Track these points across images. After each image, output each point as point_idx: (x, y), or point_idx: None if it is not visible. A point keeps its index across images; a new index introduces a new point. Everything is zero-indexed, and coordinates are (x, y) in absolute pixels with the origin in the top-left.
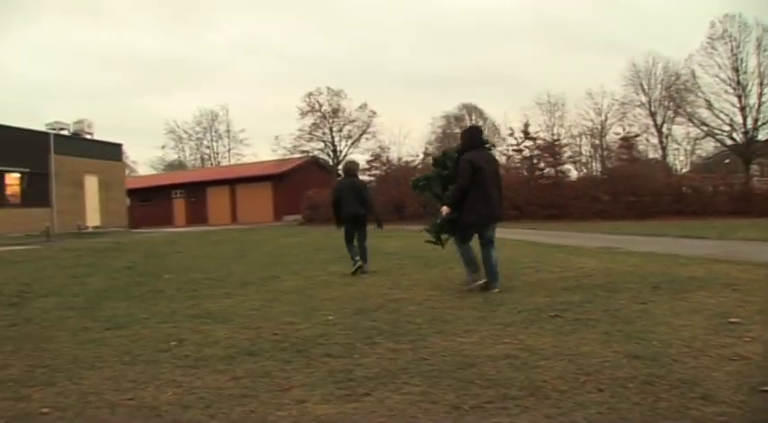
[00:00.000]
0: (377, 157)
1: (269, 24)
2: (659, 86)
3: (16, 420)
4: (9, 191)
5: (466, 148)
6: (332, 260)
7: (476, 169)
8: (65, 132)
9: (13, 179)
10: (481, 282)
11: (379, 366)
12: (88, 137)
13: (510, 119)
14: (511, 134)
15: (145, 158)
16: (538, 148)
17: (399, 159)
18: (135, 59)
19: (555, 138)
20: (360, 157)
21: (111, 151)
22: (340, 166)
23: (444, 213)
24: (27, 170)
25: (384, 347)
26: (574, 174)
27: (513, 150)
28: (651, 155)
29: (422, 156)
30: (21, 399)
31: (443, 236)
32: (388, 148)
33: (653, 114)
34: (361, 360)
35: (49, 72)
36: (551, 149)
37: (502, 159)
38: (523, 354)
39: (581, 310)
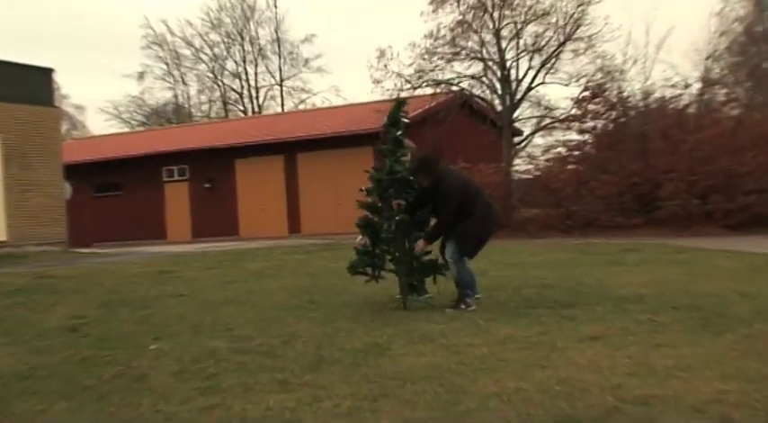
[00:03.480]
0: (597, 93)
1: None
2: None
3: None
4: None
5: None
6: (504, 306)
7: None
8: None
9: None
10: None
11: None
12: None
13: None
14: None
15: (102, 100)
16: None
17: (646, 96)
18: None
19: None
20: (561, 91)
21: (27, 85)
22: (516, 112)
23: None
24: None
25: None
26: None
27: None
28: None
29: (699, 85)
30: None
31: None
32: (623, 73)
33: None
34: None
35: None
36: None
37: None
38: None
39: None
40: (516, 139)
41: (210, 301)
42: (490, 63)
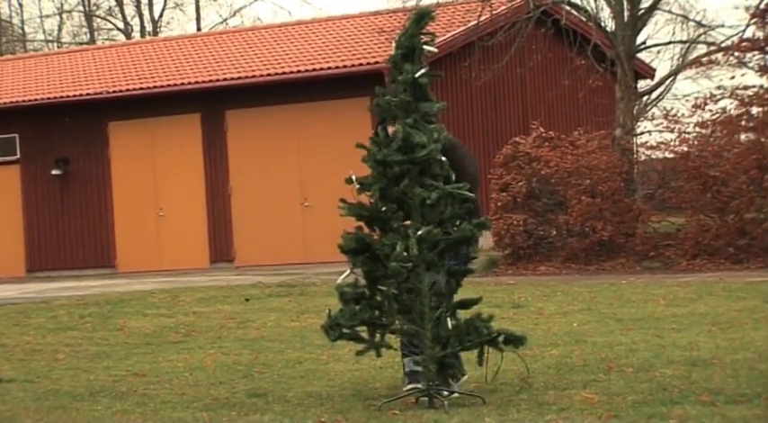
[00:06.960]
0: None
1: None
2: None
3: None
4: None
5: None
6: (621, 400)
7: None
8: None
9: None
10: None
11: None
12: None
13: None
14: None
15: None
16: None
17: None
18: None
19: None
20: None
21: None
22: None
23: None
24: None
25: None
26: None
27: None
28: None
29: None
30: None
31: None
32: None
33: None
34: None
35: None
36: None
37: None
38: None
39: None
40: (642, 85)
41: (63, 393)
42: None
